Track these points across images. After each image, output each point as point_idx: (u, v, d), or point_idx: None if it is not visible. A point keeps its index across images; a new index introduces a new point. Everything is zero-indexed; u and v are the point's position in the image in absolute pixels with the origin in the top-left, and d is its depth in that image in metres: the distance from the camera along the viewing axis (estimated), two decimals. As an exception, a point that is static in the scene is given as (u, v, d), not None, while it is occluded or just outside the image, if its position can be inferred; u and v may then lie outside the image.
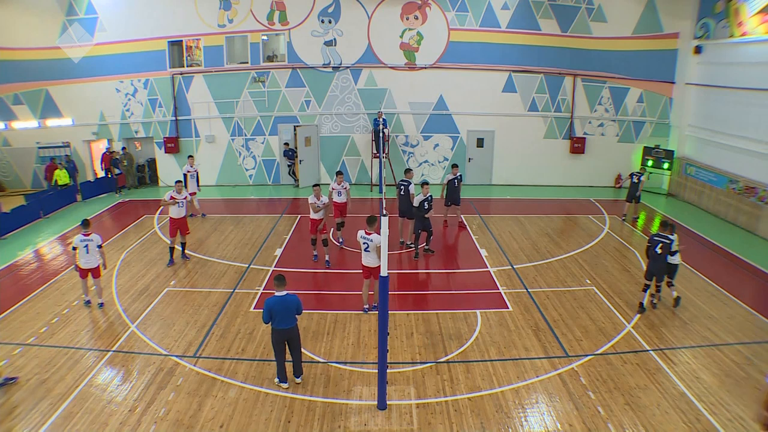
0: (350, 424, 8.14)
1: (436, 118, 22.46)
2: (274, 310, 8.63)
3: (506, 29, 21.52)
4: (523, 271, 13.99)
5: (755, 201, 17.04)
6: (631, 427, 8.10)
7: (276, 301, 8.64)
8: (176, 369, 9.59)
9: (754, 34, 17.23)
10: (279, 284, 8.74)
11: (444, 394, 8.88)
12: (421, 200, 14.15)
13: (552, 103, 22.25)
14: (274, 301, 8.65)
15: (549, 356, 10.05)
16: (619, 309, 11.87)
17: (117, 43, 21.51)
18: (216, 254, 15.02)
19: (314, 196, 13.51)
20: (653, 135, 22.28)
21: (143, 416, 8.29)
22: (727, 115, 18.77)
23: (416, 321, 11.31)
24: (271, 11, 21.43)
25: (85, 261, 11.56)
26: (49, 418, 8.21)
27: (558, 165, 22.79)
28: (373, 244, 10.96)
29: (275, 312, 8.62)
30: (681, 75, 21.30)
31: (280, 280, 8.76)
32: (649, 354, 10.11)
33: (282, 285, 8.75)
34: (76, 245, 11.55)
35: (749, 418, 8.23)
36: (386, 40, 21.69)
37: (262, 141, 22.61)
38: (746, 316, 11.64)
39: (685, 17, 20.67)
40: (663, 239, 11.35)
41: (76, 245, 11.55)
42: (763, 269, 14.35)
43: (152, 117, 22.39)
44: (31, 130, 22.16)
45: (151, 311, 11.73)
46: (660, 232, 11.53)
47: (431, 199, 14.26)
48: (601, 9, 21.22)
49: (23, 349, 10.18)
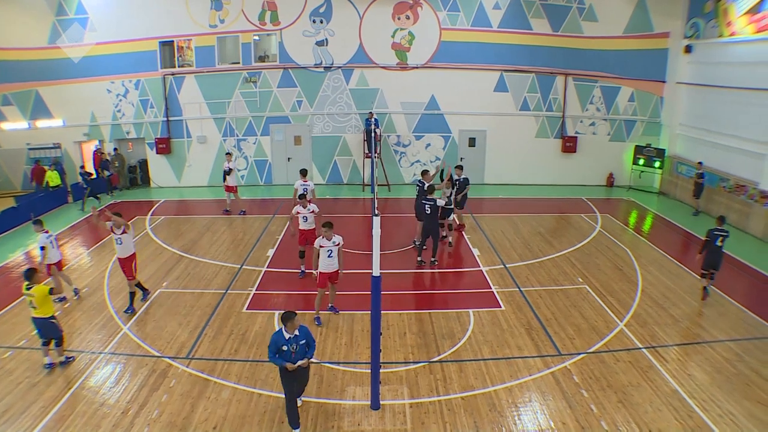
0: (344, 424, 8.13)
1: (427, 117, 22.49)
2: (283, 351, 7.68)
3: (498, 29, 21.57)
4: (515, 270, 14.02)
5: (745, 199, 17.17)
6: (624, 424, 8.14)
7: (286, 339, 7.67)
8: (169, 370, 9.55)
9: (743, 34, 17.37)
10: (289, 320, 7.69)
11: (437, 394, 8.89)
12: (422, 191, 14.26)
13: (543, 103, 22.33)
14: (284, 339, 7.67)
15: (542, 355, 10.09)
16: (611, 307, 11.93)
17: (108, 44, 21.38)
18: (208, 255, 14.97)
19: (300, 206, 13.05)
20: (644, 134, 22.40)
21: (136, 418, 8.25)
22: (718, 114, 18.91)
23: (409, 321, 11.32)
24: (263, 11, 21.38)
25: (52, 255, 11.85)
26: (40, 422, 8.15)
27: (550, 164, 22.87)
28: (337, 248, 10.85)
29: (286, 353, 7.66)
30: (672, 74, 21.43)
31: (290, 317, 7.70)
32: (642, 352, 10.16)
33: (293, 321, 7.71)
34: (45, 244, 11.69)
35: (740, 414, 8.32)
36: (378, 40, 21.69)
37: (254, 141, 22.56)
38: (737, 314, 11.74)
39: (676, 17, 20.81)
40: (722, 233, 12.10)
41: (45, 244, 11.69)
42: (754, 267, 14.46)
43: (144, 118, 22.28)
44: (21, 131, 21.99)
45: (144, 313, 11.67)
46: (718, 226, 12.26)
47: (435, 202, 13.81)
48: (593, 8, 21.31)
49: (14, 353, 10.11)
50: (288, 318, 7.64)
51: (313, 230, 13.01)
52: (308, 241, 13.04)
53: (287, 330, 7.63)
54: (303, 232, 13.09)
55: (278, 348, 7.61)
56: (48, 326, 9.56)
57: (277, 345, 7.62)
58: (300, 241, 13.25)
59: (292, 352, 7.64)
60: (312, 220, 12.98)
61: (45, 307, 9.45)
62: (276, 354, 7.62)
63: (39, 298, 9.32)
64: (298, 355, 7.67)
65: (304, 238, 13.18)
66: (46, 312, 9.49)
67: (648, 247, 15.83)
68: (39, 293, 9.32)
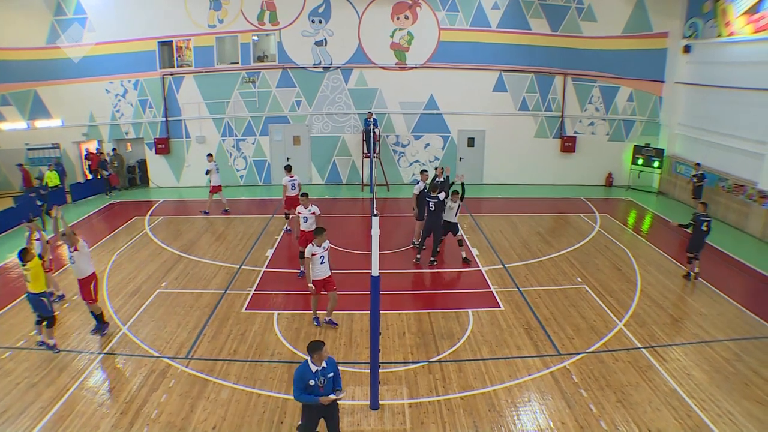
0: (343, 424, 8.10)
1: (426, 117, 22.49)
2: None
3: (496, 29, 21.58)
4: (514, 270, 14.03)
5: (744, 199, 17.19)
6: (623, 424, 8.15)
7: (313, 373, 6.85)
8: (168, 370, 9.55)
9: (741, 34, 17.38)
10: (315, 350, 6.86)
11: (436, 394, 8.89)
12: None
13: (542, 103, 22.34)
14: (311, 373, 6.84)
15: (541, 355, 10.09)
16: (610, 307, 11.93)
17: (106, 44, 21.38)
18: (207, 255, 14.96)
19: (301, 206, 12.98)
20: (643, 134, 22.41)
21: (135, 419, 8.24)
22: (716, 113, 18.92)
23: (408, 320, 11.32)
24: (262, 11, 21.37)
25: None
26: (39, 422, 8.14)
27: (549, 164, 22.88)
28: (327, 253, 10.70)
29: (314, 388, 6.82)
30: (670, 74, 21.45)
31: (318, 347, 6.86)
32: (641, 351, 10.17)
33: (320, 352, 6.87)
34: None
35: (738, 414, 8.33)
36: (377, 40, 21.69)
37: (253, 141, 22.56)
38: (736, 313, 11.75)
39: (674, 17, 20.83)
40: (706, 218, 13.04)
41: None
42: (753, 266, 14.48)
43: (142, 118, 22.28)
44: (19, 131, 21.99)
45: (143, 313, 11.67)
46: (702, 212, 13.18)
47: (439, 200, 13.77)
48: (591, 8, 21.32)
49: (13, 353, 10.10)
50: (316, 348, 6.78)
51: (313, 231, 12.95)
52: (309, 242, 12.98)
53: (314, 362, 6.81)
54: (303, 233, 13.05)
55: (305, 383, 6.73)
56: (39, 303, 9.87)
57: (303, 380, 6.73)
58: (300, 242, 13.17)
59: (321, 387, 6.81)
60: (313, 221, 12.90)
61: (38, 281, 9.78)
62: (304, 390, 6.76)
63: (33, 272, 9.69)
64: (326, 389, 6.86)
65: (304, 239, 13.04)
66: (39, 287, 9.81)
67: (647, 247, 15.85)
68: (33, 266, 9.72)
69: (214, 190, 18.68)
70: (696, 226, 13.10)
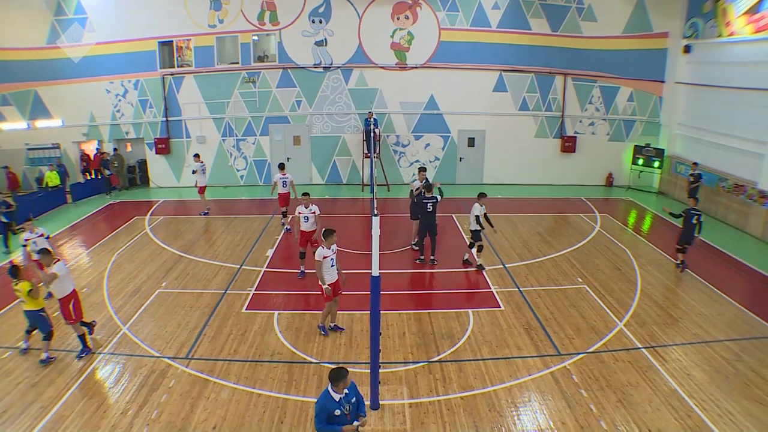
0: (343, 424, 8.13)
1: (427, 117, 22.48)
2: None
3: (497, 29, 21.57)
4: (514, 270, 14.03)
5: (744, 199, 17.19)
6: (623, 424, 8.15)
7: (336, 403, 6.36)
8: (168, 371, 9.55)
9: (741, 34, 17.38)
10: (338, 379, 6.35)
11: (436, 394, 8.89)
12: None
13: (543, 103, 22.33)
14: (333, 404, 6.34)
15: (541, 355, 10.09)
16: (610, 307, 11.93)
17: (107, 44, 21.38)
18: (207, 255, 14.96)
19: (302, 206, 12.93)
20: (643, 134, 22.41)
21: (135, 419, 8.24)
22: (717, 113, 18.91)
23: (408, 321, 11.31)
24: (262, 11, 21.37)
25: None
26: (39, 422, 8.14)
27: (549, 164, 22.88)
28: (335, 255, 10.40)
29: (340, 417, 6.36)
30: (671, 74, 21.44)
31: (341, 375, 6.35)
32: (641, 351, 10.17)
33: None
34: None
35: (739, 414, 8.33)
36: (377, 40, 21.69)
37: (253, 141, 22.56)
38: (736, 313, 11.74)
39: (675, 17, 20.82)
40: (697, 212, 13.49)
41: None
42: (753, 266, 14.47)
43: (143, 118, 22.28)
44: (19, 131, 22.00)
45: (143, 313, 11.67)
46: (693, 206, 13.72)
47: (437, 200, 13.84)
48: (591, 8, 21.32)
49: (13, 353, 10.10)
50: (340, 377, 6.26)
51: (313, 232, 12.99)
52: (309, 242, 13.05)
53: (336, 390, 6.29)
54: (303, 233, 13.04)
55: (330, 415, 6.23)
56: (37, 319, 9.82)
57: (328, 412, 6.22)
58: (301, 242, 13.19)
59: (347, 414, 6.35)
60: (313, 220, 12.92)
61: (32, 302, 9.71)
62: (327, 421, 6.26)
63: (24, 294, 9.60)
64: (351, 416, 6.43)
65: (304, 239, 13.11)
66: (36, 305, 9.76)
67: (647, 247, 15.84)
68: (23, 289, 9.59)
69: (201, 190, 18.72)
70: (686, 219, 13.54)
